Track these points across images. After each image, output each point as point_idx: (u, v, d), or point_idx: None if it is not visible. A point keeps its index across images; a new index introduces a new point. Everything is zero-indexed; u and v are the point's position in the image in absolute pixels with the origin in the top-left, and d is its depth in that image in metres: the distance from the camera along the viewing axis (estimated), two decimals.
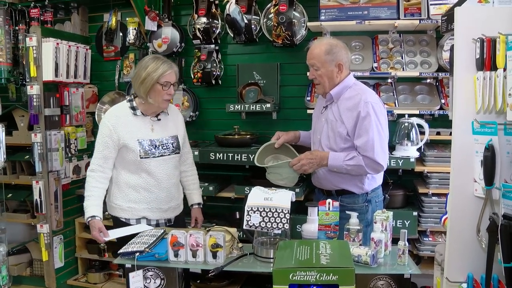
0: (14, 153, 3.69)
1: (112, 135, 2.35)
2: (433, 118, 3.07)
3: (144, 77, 2.31)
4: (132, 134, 2.36)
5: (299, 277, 1.57)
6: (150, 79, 2.31)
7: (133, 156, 2.36)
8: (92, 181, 2.37)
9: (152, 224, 2.45)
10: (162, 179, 2.43)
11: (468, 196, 1.63)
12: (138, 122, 2.40)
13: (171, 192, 2.50)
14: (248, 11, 3.31)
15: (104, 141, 2.36)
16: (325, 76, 2.35)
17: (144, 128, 2.40)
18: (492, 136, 1.53)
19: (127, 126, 2.37)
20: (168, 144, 2.46)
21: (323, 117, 2.45)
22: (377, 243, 1.92)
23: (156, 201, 2.44)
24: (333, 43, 2.36)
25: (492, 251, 1.53)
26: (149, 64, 2.33)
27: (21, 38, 3.54)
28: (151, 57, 2.41)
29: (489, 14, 1.59)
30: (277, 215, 2.00)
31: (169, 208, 2.50)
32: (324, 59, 2.32)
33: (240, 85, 3.42)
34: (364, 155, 2.25)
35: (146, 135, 2.39)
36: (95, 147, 2.40)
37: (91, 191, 2.36)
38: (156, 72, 2.31)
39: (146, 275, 1.99)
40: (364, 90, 2.35)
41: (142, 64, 2.36)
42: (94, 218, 2.31)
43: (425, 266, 2.91)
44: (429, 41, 3.12)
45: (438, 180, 2.89)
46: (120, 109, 2.43)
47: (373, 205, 2.40)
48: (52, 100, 3.37)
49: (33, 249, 3.74)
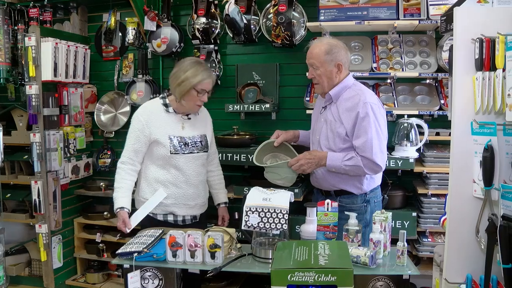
0: (12, 153, 3.68)
1: (144, 129, 2.41)
2: (432, 119, 3.07)
3: (182, 80, 2.36)
4: (163, 130, 2.42)
5: (298, 278, 1.57)
6: (187, 83, 2.36)
7: (163, 151, 2.42)
8: (122, 173, 2.44)
9: (179, 220, 2.51)
10: (191, 175, 2.49)
11: (467, 196, 1.63)
12: (169, 119, 2.46)
13: (199, 189, 2.55)
14: (247, 11, 3.31)
15: (136, 135, 2.42)
16: (324, 76, 2.35)
17: (175, 125, 2.47)
18: (491, 136, 1.52)
19: (159, 122, 2.43)
20: (197, 142, 2.52)
21: (322, 117, 2.45)
22: (376, 243, 1.92)
23: (184, 197, 2.49)
24: (333, 43, 2.36)
25: (491, 252, 1.53)
26: (189, 68, 2.37)
27: (20, 37, 3.53)
28: (193, 61, 2.45)
29: (488, 14, 1.59)
30: (275, 215, 2.00)
31: (195, 205, 2.55)
32: (324, 59, 2.32)
33: (239, 85, 3.41)
34: (362, 155, 2.25)
35: (177, 132, 2.46)
36: (127, 140, 2.46)
37: (121, 183, 2.43)
38: (195, 78, 2.35)
39: (144, 275, 1.99)
40: (363, 91, 2.35)
41: (182, 67, 2.40)
42: (122, 209, 2.38)
43: (424, 267, 2.90)
44: (428, 42, 3.12)
45: (437, 180, 2.89)
46: (153, 105, 2.50)
47: (371, 205, 2.40)
48: (51, 100, 3.36)
49: (32, 249, 3.74)
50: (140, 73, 3.58)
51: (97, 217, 3.66)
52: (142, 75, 3.58)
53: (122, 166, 2.45)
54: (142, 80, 3.59)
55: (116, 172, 2.46)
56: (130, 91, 3.63)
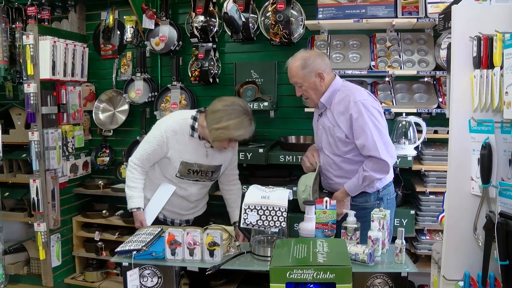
0: (11, 151, 3.68)
1: (163, 145, 2.37)
2: (430, 117, 3.08)
3: (222, 127, 2.23)
4: (180, 154, 2.37)
5: (296, 276, 1.57)
6: (227, 133, 2.24)
7: (171, 170, 2.41)
8: (136, 173, 2.44)
9: (168, 221, 2.54)
10: (192, 195, 2.50)
11: (465, 194, 1.64)
12: (192, 143, 2.38)
13: (197, 204, 2.59)
14: (245, 9, 3.31)
15: (154, 147, 2.38)
16: (310, 89, 2.35)
17: (198, 151, 2.40)
18: (489, 134, 1.53)
19: (179, 145, 2.37)
20: (208, 172, 2.45)
21: (320, 124, 2.43)
22: (374, 241, 1.92)
23: (179, 207, 2.52)
24: (305, 55, 2.34)
25: (489, 249, 1.54)
26: (234, 118, 2.23)
27: (18, 36, 3.53)
28: (241, 110, 2.26)
29: (486, 12, 1.60)
30: (274, 213, 2.00)
31: (187, 214, 2.58)
32: (302, 73, 2.31)
33: (238, 84, 3.41)
34: (369, 155, 2.23)
35: (201, 159, 2.40)
36: (144, 144, 2.41)
37: (135, 182, 2.44)
38: (236, 131, 2.25)
39: (143, 273, 1.99)
40: (352, 90, 2.32)
41: (228, 111, 2.24)
42: (139, 210, 2.41)
43: (422, 265, 2.91)
44: (426, 40, 3.12)
45: (435, 178, 2.89)
46: (181, 125, 2.38)
47: (384, 203, 2.38)
48: (49, 99, 3.35)
49: (30, 248, 3.74)
50: (138, 72, 3.58)
51: (95, 216, 3.65)
52: (141, 73, 3.58)
53: (135, 167, 2.43)
54: (141, 79, 3.58)
55: (128, 170, 2.45)
56: (129, 90, 3.62)
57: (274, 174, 3.24)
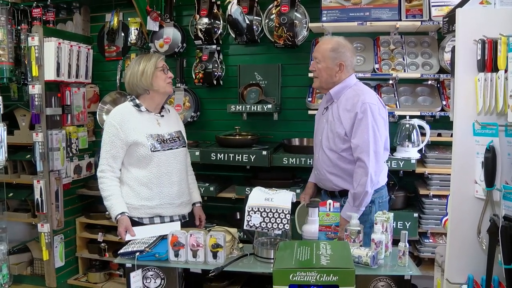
0: (15, 152, 3.69)
1: (119, 133, 2.35)
2: (434, 120, 3.07)
3: (142, 69, 2.40)
4: (140, 130, 2.38)
5: (299, 278, 1.57)
6: (148, 68, 2.40)
7: (143, 150, 2.36)
8: (107, 181, 2.36)
9: (167, 221, 2.46)
10: (172, 172, 2.45)
11: (468, 197, 1.63)
12: (144, 118, 2.43)
13: (182, 186, 2.51)
14: (249, 11, 3.32)
15: (111, 140, 2.35)
16: (323, 71, 2.37)
17: (150, 123, 2.44)
18: (493, 137, 1.53)
19: (133, 123, 2.38)
20: (174, 138, 2.50)
21: (324, 118, 2.46)
22: (378, 244, 1.92)
23: (168, 196, 2.44)
24: (341, 42, 2.39)
25: (493, 253, 1.53)
26: (141, 60, 2.44)
27: (23, 37, 3.54)
28: (137, 57, 2.53)
29: (491, 15, 1.59)
30: (277, 215, 2.01)
31: (181, 203, 2.51)
32: (328, 55, 2.35)
33: (242, 86, 3.42)
34: (358, 156, 2.26)
35: (154, 130, 2.43)
36: (102, 148, 2.39)
37: (110, 190, 2.35)
38: (150, 61, 2.42)
39: (146, 275, 2.00)
40: (363, 91, 2.35)
41: (134, 64, 2.46)
42: (123, 215, 2.31)
43: (426, 268, 2.90)
44: (430, 43, 3.12)
45: (439, 181, 2.89)
46: (124, 108, 2.45)
47: (376, 206, 2.39)
48: (54, 100, 3.37)
49: (34, 249, 3.75)
50: None
51: (99, 217, 3.67)
52: None
53: (104, 175, 2.36)
54: None
55: (99, 182, 2.37)
56: None
57: (278, 176, 3.24)
